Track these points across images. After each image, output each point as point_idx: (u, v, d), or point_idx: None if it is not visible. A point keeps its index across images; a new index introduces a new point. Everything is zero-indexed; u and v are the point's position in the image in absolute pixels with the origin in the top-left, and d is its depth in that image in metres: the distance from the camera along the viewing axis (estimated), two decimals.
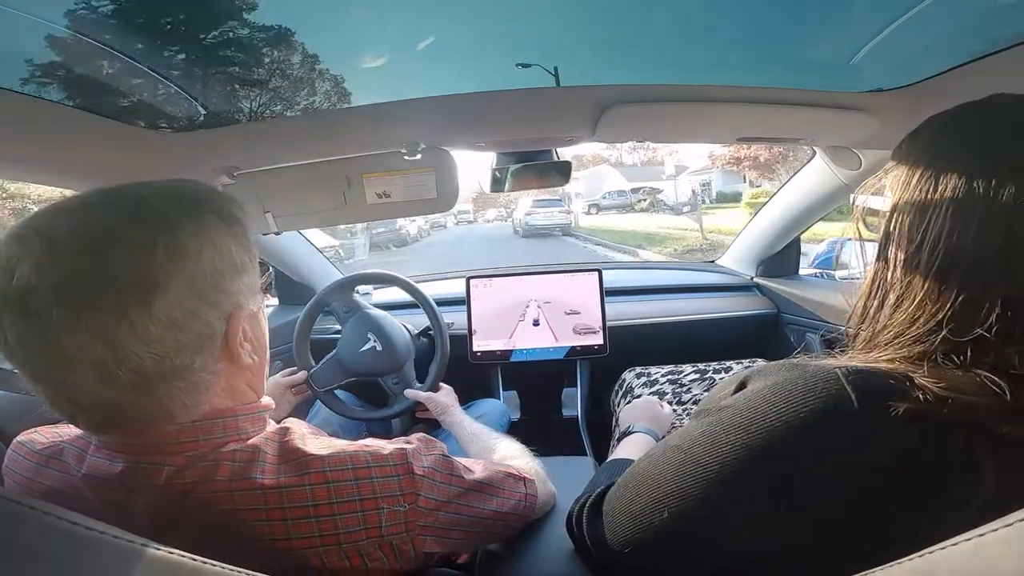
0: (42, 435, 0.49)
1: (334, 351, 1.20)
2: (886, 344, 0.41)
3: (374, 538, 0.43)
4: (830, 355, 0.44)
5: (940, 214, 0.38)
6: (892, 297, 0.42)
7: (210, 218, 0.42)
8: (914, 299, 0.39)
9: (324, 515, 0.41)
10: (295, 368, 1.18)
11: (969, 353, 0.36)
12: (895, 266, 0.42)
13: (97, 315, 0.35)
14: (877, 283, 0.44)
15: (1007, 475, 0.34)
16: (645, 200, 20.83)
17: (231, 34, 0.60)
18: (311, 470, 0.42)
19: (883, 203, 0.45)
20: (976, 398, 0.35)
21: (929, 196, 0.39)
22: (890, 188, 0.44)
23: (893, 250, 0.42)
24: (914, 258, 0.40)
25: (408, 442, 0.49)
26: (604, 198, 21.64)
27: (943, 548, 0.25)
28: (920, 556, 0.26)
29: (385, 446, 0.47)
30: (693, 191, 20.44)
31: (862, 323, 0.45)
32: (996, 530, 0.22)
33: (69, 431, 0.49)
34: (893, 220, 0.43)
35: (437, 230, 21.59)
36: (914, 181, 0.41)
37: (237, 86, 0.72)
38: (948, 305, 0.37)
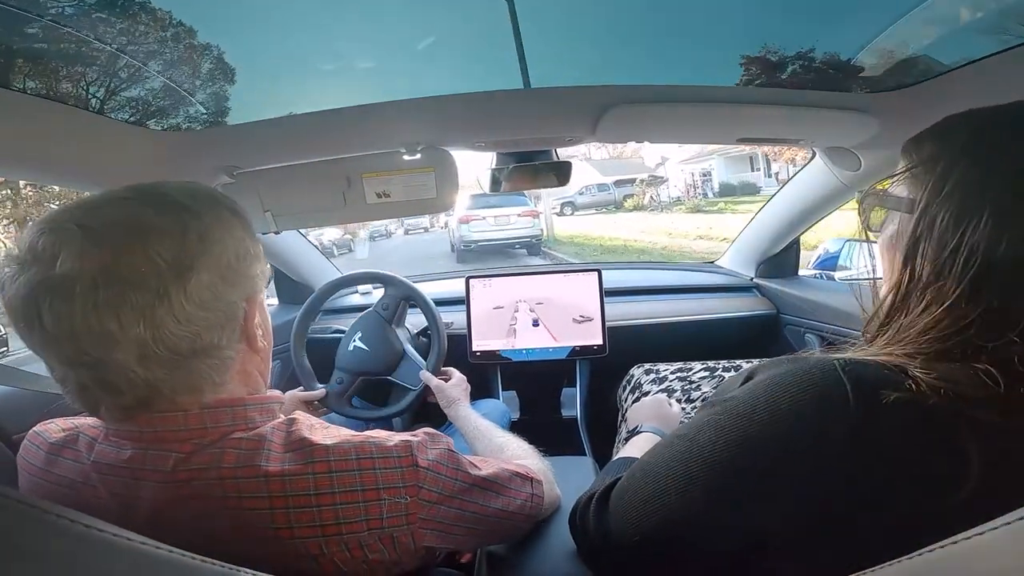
0: (58, 425, 0.50)
1: (336, 362, 1.21)
2: (908, 342, 0.41)
3: (375, 529, 0.43)
4: (833, 350, 0.44)
5: (979, 222, 0.38)
6: (918, 301, 0.41)
7: (223, 210, 0.46)
8: (943, 304, 0.39)
9: (325, 504, 0.42)
10: (300, 385, 1.18)
11: (971, 349, 0.37)
12: (923, 271, 0.41)
13: (140, 296, 0.38)
14: (901, 287, 0.43)
15: (993, 465, 0.35)
16: (639, 196, 16.20)
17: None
18: (315, 459, 0.43)
19: (902, 205, 0.44)
20: (968, 389, 0.35)
21: (967, 202, 0.39)
22: (912, 190, 0.43)
23: (921, 255, 0.41)
24: (947, 264, 0.39)
25: (414, 435, 0.50)
26: (581, 193, 17.00)
27: (942, 547, 0.25)
28: (919, 555, 0.26)
29: (391, 437, 0.48)
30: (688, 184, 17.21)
31: (884, 326, 0.44)
32: (995, 528, 0.22)
33: (85, 421, 0.49)
34: (921, 224, 0.41)
35: (379, 240, 16.00)
36: (949, 186, 0.40)
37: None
38: (979, 311, 0.37)
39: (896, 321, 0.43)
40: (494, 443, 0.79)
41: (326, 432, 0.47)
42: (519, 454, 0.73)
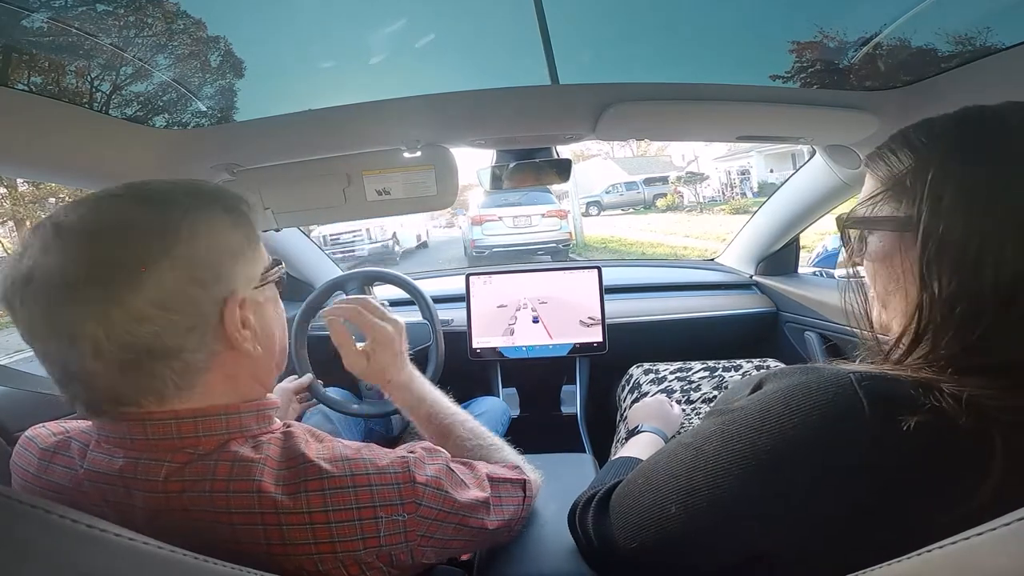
0: (49, 430, 0.49)
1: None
2: (941, 359, 0.38)
3: (372, 548, 0.42)
4: (852, 360, 0.43)
5: (999, 231, 0.36)
6: (948, 321, 0.38)
7: (211, 205, 0.44)
8: (981, 323, 0.36)
9: (319, 523, 0.41)
10: (295, 375, 1.16)
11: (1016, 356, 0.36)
12: (945, 289, 0.38)
13: (91, 294, 0.37)
14: (923, 311, 0.39)
15: (1012, 471, 0.33)
16: (673, 195, 14.64)
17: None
18: (308, 477, 0.42)
19: (897, 224, 0.42)
20: (1005, 400, 0.34)
21: (973, 212, 0.36)
22: (904, 206, 0.41)
23: (938, 275, 0.38)
24: (977, 278, 0.36)
25: (411, 451, 0.49)
26: (608, 192, 16.29)
27: (941, 547, 0.25)
28: (918, 555, 0.26)
29: (387, 454, 0.47)
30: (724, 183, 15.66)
31: (909, 351, 0.40)
32: (994, 529, 0.22)
33: (76, 425, 0.49)
34: (929, 242, 0.38)
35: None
36: (948, 197, 0.37)
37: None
38: (1019, 325, 0.36)
39: (924, 344, 0.39)
40: (477, 448, 0.65)
41: (321, 447, 0.45)
42: (500, 452, 0.66)
